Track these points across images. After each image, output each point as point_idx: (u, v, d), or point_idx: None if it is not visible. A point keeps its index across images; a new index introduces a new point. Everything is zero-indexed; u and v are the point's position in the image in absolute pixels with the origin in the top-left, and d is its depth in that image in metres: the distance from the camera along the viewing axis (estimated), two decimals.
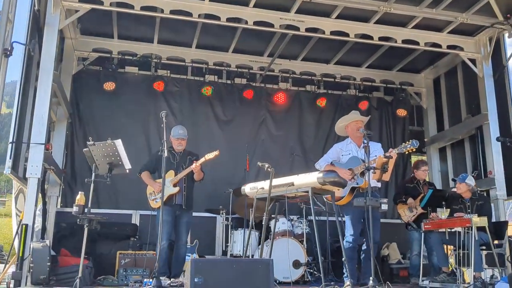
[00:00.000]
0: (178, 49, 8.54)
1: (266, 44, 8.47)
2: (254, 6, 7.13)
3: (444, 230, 6.12)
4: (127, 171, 4.68)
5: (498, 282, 5.36)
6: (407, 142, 5.03)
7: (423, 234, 6.35)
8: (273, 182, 4.85)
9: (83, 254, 4.38)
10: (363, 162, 4.91)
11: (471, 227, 5.58)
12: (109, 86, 8.02)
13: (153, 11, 6.98)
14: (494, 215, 7.32)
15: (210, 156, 5.73)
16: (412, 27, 7.67)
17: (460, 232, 5.82)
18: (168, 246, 5.76)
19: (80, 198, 4.43)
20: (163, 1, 6.87)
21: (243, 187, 5.54)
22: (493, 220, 6.97)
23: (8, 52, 5.44)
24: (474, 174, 7.84)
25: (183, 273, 5.62)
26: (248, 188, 5.36)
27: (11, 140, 5.66)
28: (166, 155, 4.81)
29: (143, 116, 8.46)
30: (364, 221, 5.03)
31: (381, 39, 7.70)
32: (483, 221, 5.64)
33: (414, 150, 5.07)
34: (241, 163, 8.28)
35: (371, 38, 7.66)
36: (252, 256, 6.82)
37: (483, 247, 6.06)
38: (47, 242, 5.54)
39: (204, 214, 7.92)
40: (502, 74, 7.80)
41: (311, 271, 6.85)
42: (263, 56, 8.79)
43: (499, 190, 7.36)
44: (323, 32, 7.52)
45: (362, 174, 4.94)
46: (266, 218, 4.78)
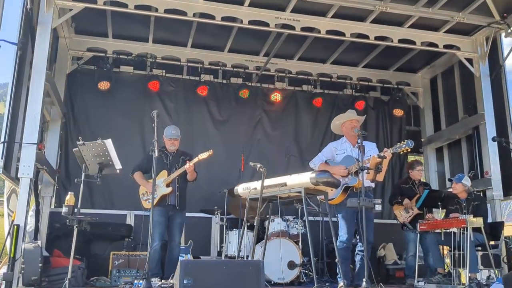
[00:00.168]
0: (174, 48, 8.49)
1: (262, 43, 8.43)
2: (249, 5, 7.07)
3: (440, 231, 6.08)
4: (118, 171, 4.63)
5: (493, 283, 5.30)
6: (402, 142, 4.98)
7: (419, 234, 6.31)
8: (266, 183, 4.80)
9: (73, 255, 4.32)
10: (358, 161, 4.87)
11: (467, 228, 5.54)
12: (103, 85, 7.98)
13: (147, 10, 6.93)
14: (490, 215, 7.29)
15: (204, 156, 5.69)
16: (408, 27, 7.62)
17: (455, 233, 5.78)
18: (161, 247, 5.71)
19: (69, 198, 4.38)
20: (157, 0, 6.83)
21: (236, 188, 5.49)
22: (489, 221, 6.93)
23: None
24: (470, 175, 7.81)
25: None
26: (241, 189, 5.31)
27: (3, 140, 5.61)
28: (156, 155, 4.76)
29: (138, 116, 8.41)
30: (357, 221, 4.99)
31: (377, 38, 7.65)
32: (479, 221, 5.60)
33: (409, 150, 5.03)
34: (236, 163, 8.26)
35: (367, 37, 7.61)
36: (247, 257, 6.77)
37: (479, 248, 6.02)
38: (39, 243, 5.49)
39: (199, 215, 7.88)
40: (499, 74, 7.76)
41: (306, 272, 6.81)
42: (259, 56, 8.75)
43: (496, 191, 7.29)
44: (319, 32, 7.47)
45: (356, 173, 4.90)
46: (258, 219, 4.72)
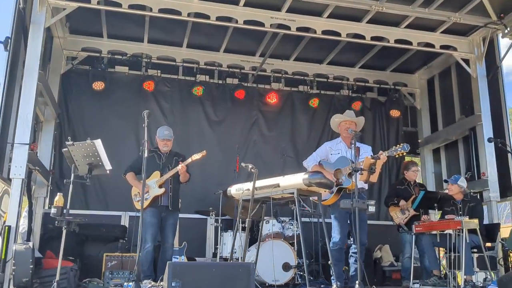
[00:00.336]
0: (169, 48, 8.45)
1: (257, 43, 8.38)
2: (245, 5, 7.03)
3: (436, 233, 6.03)
4: (108, 171, 4.58)
5: (488, 286, 5.25)
6: (397, 146, 4.94)
7: (415, 236, 6.25)
8: (259, 184, 4.76)
9: (61, 257, 4.27)
10: (352, 162, 4.81)
11: (462, 230, 5.49)
12: (98, 86, 7.93)
13: (141, 10, 6.88)
14: (487, 217, 7.24)
15: (197, 156, 5.64)
16: (404, 27, 7.59)
17: (451, 235, 5.72)
18: (154, 249, 5.65)
19: (58, 199, 4.33)
20: None
21: (229, 189, 5.45)
22: (486, 222, 6.89)
23: None
24: (467, 176, 7.79)
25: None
26: (234, 190, 5.27)
27: None
28: (146, 155, 4.71)
29: (133, 116, 8.33)
30: (351, 222, 4.94)
31: (373, 38, 7.61)
32: (474, 223, 5.54)
33: (405, 153, 4.99)
34: (232, 164, 8.19)
35: (363, 37, 7.57)
36: (241, 258, 6.71)
37: (475, 250, 5.97)
38: (30, 244, 5.44)
39: (195, 216, 7.83)
40: (496, 75, 7.73)
41: (301, 273, 6.75)
42: (255, 56, 8.71)
43: (492, 192, 7.26)
44: (315, 32, 7.44)
45: (350, 175, 4.85)
46: (249, 220, 4.67)
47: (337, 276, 4.80)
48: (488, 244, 6.26)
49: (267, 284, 6.24)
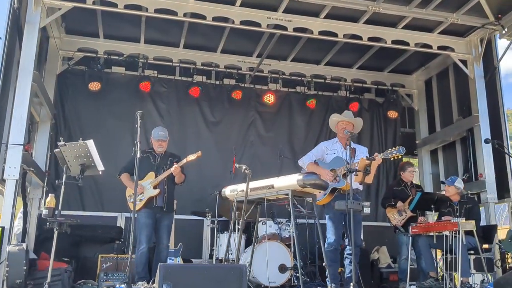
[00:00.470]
0: (166, 49, 8.41)
1: (255, 44, 8.35)
2: (241, 5, 6.99)
3: (432, 234, 5.99)
4: (100, 172, 4.54)
5: None
6: (393, 148, 4.91)
7: (412, 237, 6.22)
8: (253, 185, 4.73)
9: (53, 258, 4.24)
10: (347, 163, 4.78)
11: (459, 231, 5.45)
12: (94, 86, 7.89)
13: (137, 10, 6.85)
14: (485, 218, 7.21)
15: (192, 157, 5.60)
16: (402, 28, 7.55)
17: (448, 236, 5.69)
18: (148, 250, 5.61)
19: (50, 200, 4.29)
20: None
21: (223, 190, 5.42)
22: (484, 224, 6.86)
23: None
24: (465, 177, 7.76)
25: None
26: (229, 191, 5.24)
27: None
28: (138, 156, 4.67)
29: (130, 117, 8.17)
30: (345, 223, 4.90)
31: (370, 39, 7.58)
32: (471, 225, 5.51)
33: (400, 156, 4.96)
34: (229, 165, 8.13)
35: (360, 38, 7.54)
36: (237, 260, 6.67)
37: (471, 252, 5.93)
38: (24, 245, 5.40)
39: (191, 217, 7.79)
40: (494, 75, 7.69)
41: (298, 275, 6.70)
42: (252, 57, 8.67)
43: (490, 193, 7.21)
44: (312, 32, 7.40)
45: (344, 176, 4.82)
46: (243, 221, 4.64)
47: (332, 278, 4.76)
48: (486, 246, 6.23)
49: (263, 286, 6.20)
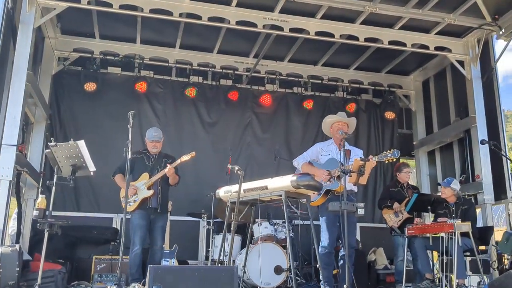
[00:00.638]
0: (162, 49, 8.38)
1: (251, 44, 8.32)
2: (237, 6, 6.97)
3: (428, 236, 5.96)
4: (92, 173, 4.51)
5: None
6: (388, 151, 4.88)
7: (408, 239, 6.19)
8: (247, 186, 4.69)
9: (43, 260, 4.20)
10: (341, 164, 4.75)
11: (455, 233, 5.42)
12: (90, 86, 7.86)
13: (132, 10, 6.81)
14: (482, 220, 7.17)
15: (186, 158, 5.56)
16: (398, 28, 7.54)
17: (443, 238, 5.66)
18: (142, 251, 5.57)
19: (40, 201, 4.26)
20: None
21: (217, 191, 5.38)
22: (481, 225, 6.82)
23: None
24: (462, 178, 7.72)
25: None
26: (223, 192, 5.20)
27: None
28: (130, 156, 4.64)
29: (126, 117, 8.09)
30: (340, 225, 4.87)
31: (367, 40, 7.56)
32: (467, 226, 5.47)
33: (395, 160, 4.93)
34: (226, 166, 8.04)
35: (357, 39, 7.52)
36: (233, 261, 6.64)
37: (467, 253, 5.90)
38: (17, 246, 5.35)
39: (188, 218, 7.76)
40: (491, 76, 7.66)
41: (294, 276, 6.66)
42: (248, 57, 8.64)
43: (487, 194, 7.18)
44: (308, 33, 7.38)
45: (339, 177, 4.79)
46: (235, 223, 4.61)
47: (326, 280, 4.72)
48: (482, 247, 6.19)
49: (258, 287, 6.16)
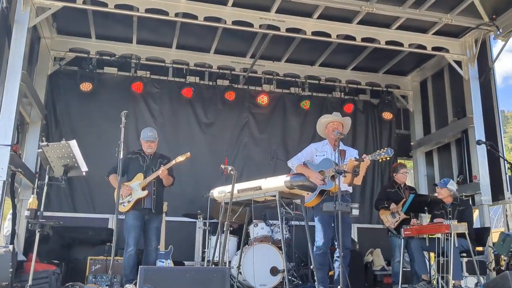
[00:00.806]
0: (158, 49, 8.34)
1: (248, 44, 8.29)
2: (233, 5, 6.94)
3: (425, 237, 5.93)
4: (84, 173, 4.48)
5: None
6: (382, 150, 4.86)
7: (405, 240, 6.15)
8: (241, 186, 4.66)
9: (34, 261, 4.17)
10: (336, 165, 4.72)
11: (451, 233, 5.38)
12: (85, 86, 7.83)
13: (128, 10, 6.78)
14: (479, 221, 7.13)
15: (181, 158, 5.53)
16: (396, 28, 7.50)
17: (439, 239, 5.62)
18: (136, 252, 5.54)
19: (32, 201, 4.22)
20: None
21: (211, 191, 5.34)
22: (478, 226, 6.78)
23: None
24: (459, 179, 7.68)
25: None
26: (217, 192, 5.17)
27: None
28: (122, 156, 4.61)
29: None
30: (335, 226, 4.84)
31: (364, 40, 7.52)
32: (463, 227, 5.44)
33: (389, 158, 4.90)
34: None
35: (353, 39, 7.48)
36: (229, 262, 6.61)
37: (464, 254, 5.86)
38: (10, 247, 5.31)
39: (184, 219, 7.72)
40: (488, 77, 7.62)
41: (290, 277, 6.63)
42: (245, 57, 8.61)
43: (484, 195, 7.13)
44: (305, 33, 7.34)
45: (333, 177, 4.76)
46: (227, 224, 4.57)
47: (321, 281, 4.69)
48: (480, 248, 6.16)
49: None
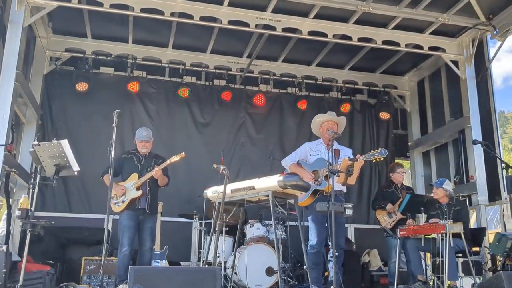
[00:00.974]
0: (154, 49, 8.33)
1: (244, 44, 8.27)
2: (229, 5, 6.92)
3: (421, 237, 5.90)
4: (76, 173, 4.46)
5: None
6: (375, 150, 4.85)
7: (401, 240, 6.13)
8: (234, 186, 4.64)
9: (25, 261, 4.14)
10: (329, 164, 4.70)
11: (446, 234, 5.36)
12: (81, 86, 7.80)
13: (123, 9, 6.75)
14: (476, 221, 7.11)
15: (175, 158, 5.51)
16: (392, 28, 7.49)
17: (435, 239, 5.60)
18: (130, 252, 5.51)
19: (23, 201, 4.20)
20: None
21: (205, 191, 5.32)
22: (474, 227, 6.76)
23: None
24: (456, 179, 7.65)
25: None
26: (210, 192, 5.14)
27: None
28: (113, 156, 4.59)
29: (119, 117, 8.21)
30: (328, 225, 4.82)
31: (360, 40, 7.51)
32: (458, 227, 5.41)
33: (382, 159, 4.89)
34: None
35: (350, 39, 7.46)
36: (225, 263, 6.59)
37: (459, 255, 5.84)
38: (4, 247, 5.28)
39: (180, 219, 7.70)
40: (485, 76, 7.60)
41: (285, 278, 6.62)
42: (242, 57, 8.59)
43: (481, 195, 7.12)
44: (301, 33, 7.33)
45: (327, 177, 4.74)
46: (220, 223, 4.55)
47: (315, 281, 4.66)
48: (476, 249, 6.13)
49: None
